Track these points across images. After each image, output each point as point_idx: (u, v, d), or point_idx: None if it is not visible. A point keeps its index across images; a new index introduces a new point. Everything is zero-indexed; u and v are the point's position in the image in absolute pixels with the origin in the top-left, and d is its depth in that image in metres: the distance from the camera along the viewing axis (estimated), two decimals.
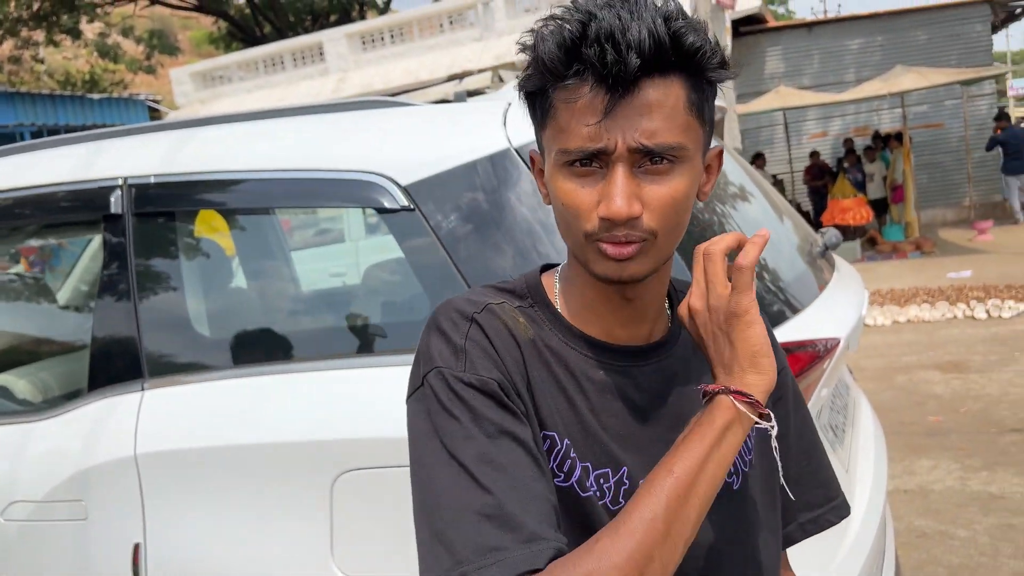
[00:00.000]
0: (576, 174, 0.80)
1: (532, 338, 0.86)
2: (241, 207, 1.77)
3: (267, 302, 1.82)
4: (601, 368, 0.87)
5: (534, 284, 0.92)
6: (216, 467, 1.60)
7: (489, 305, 0.86)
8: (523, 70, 0.84)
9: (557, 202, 0.83)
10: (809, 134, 13.84)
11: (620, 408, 0.87)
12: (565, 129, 0.79)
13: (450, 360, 0.81)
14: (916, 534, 3.51)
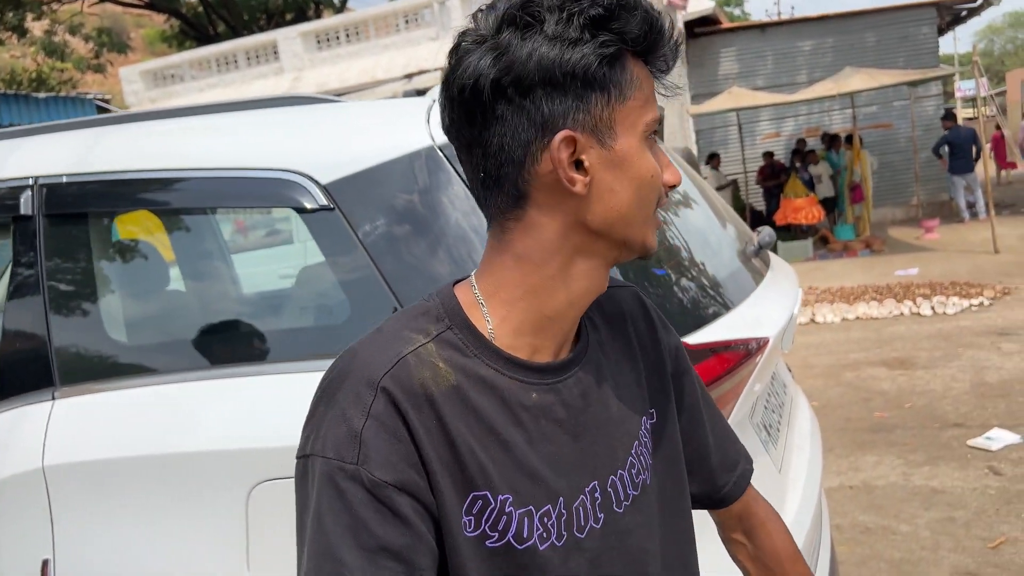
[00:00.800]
0: (652, 146, 0.81)
1: (455, 384, 0.78)
2: (157, 208, 1.71)
3: (187, 306, 1.76)
4: (533, 391, 0.82)
5: (451, 304, 0.83)
6: (128, 479, 1.53)
7: (403, 358, 0.77)
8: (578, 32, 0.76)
9: (646, 175, 0.79)
10: (763, 134, 14.00)
11: (552, 430, 0.82)
12: (651, 98, 0.80)
13: (342, 449, 0.73)
14: (860, 530, 3.54)
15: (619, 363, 0.92)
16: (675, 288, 1.78)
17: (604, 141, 0.78)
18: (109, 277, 1.75)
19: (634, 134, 0.78)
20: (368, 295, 1.47)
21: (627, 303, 0.97)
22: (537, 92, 0.76)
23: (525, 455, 0.80)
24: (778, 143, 13.88)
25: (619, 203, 0.79)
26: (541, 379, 0.82)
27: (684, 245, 1.97)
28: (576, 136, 0.77)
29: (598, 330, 0.92)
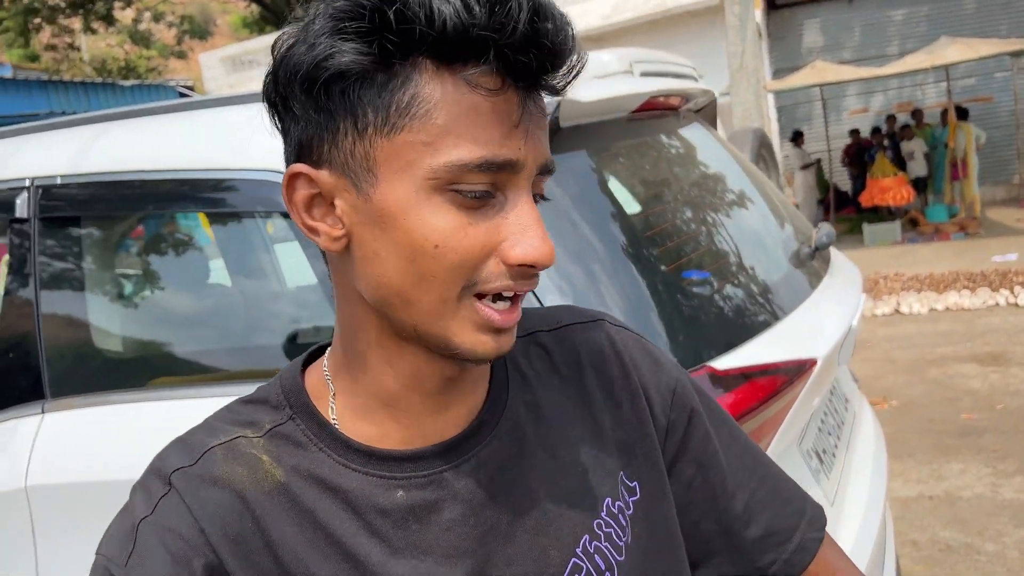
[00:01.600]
0: (463, 205, 0.56)
1: (283, 481, 0.62)
2: (146, 211, 1.60)
3: (181, 316, 1.65)
4: (399, 488, 0.63)
5: (293, 388, 0.66)
6: (114, 503, 1.44)
7: (209, 451, 0.63)
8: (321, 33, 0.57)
9: (425, 242, 0.56)
10: (849, 110, 13.33)
11: (434, 538, 0.63)
12: (452, 133, 0.55)
13: (115, 547, 0.61)
14: (940, 547, 3.26)
15: (564, 431, 0.70)
16: (714, 297, 1.58)
17: (360, 185, 0.58)
18: (102, 285, 1.66)
19: (409, 180, 0.56)
20: None
21: (586, 347, 0.75)
22: (291, 108, 0.59)
23: (383, 570, 0.61)
24: (865, 119, 13.19)
25: (386, 274, 0.58)
26: (411, 471, 0.63)
27: (729, 246, 1.76)
28: (309, 172, 0.59)
29: (531, 388, 0.71)
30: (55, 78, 15.02)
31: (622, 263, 1.42)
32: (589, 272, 1.37)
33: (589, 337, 0.75)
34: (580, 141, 1.56)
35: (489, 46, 0.54)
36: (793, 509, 0.78)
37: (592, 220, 1.46)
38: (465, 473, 0.64)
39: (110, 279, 1.70)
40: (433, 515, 0.63)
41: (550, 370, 0.72)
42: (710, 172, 2.03)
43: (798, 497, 0.79)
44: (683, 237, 1.69)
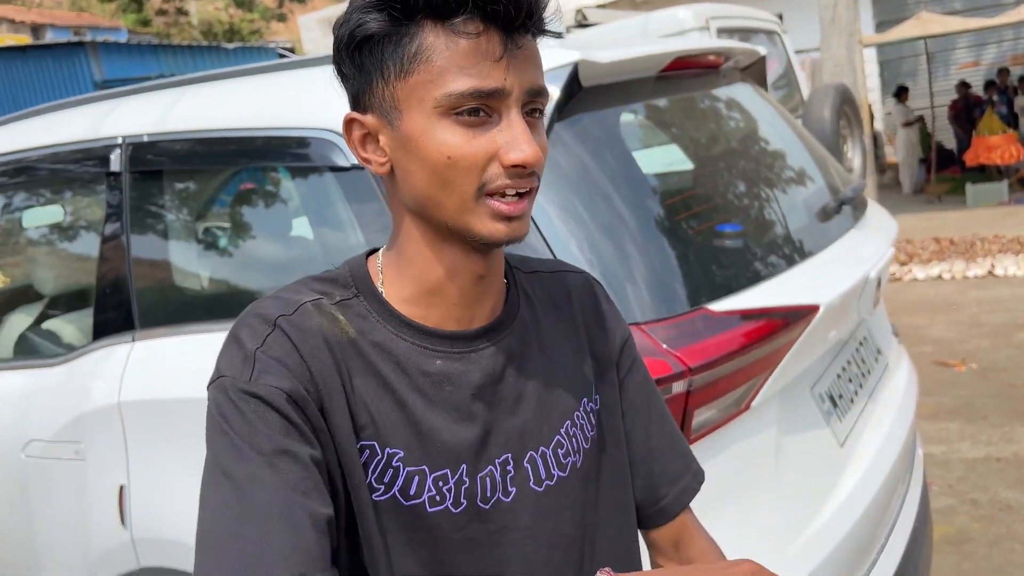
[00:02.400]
0: (463, 124, 0.73)
1: (353, 338, 0.79)
2: (207, 166, 1.81)
3: (239, 260, 1.86)
4: (438, 358, 0.81)
5: (359, 272, 0.84)
6: (187, 417, 1.67)
7: (303, 305, 0.79)
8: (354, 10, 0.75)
9: (440, 156, 0.73)
10: (958, 64, 12.65)
11: (459, 399, 0.81)
12: (449, 70, 0.72)
13: (236, 369, 0.75)
14: (999, 507, 3.25)
15: (557, 342, 0.89)
16: (727, 245, 1.68)
17: (392, 121, 0.76)
18: (183, 231, 1.88)
19: (422, 111, 0.74)
20: None
21: (576, 289, 0.95)
22: (344, 72, 0.79)
23: (423, 416, 0.79)
24: (976, 73, 12.50)
25: (419, 186, 0.76)
26: (449, 347, 0.81)
27: (753, 199, 1.84)
28: (358, 117, 0.78)
29: (533, 307, 0.90)
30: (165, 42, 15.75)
31: (633, 211, 1.53)
32: (603, 218, 1.50)
33: (577, 282, 0.96)
34: (605, 100, 1.67)
35: (467, 2, 0.72)
36: (685, 460, 0.97)
37: (610, 173, 1.57)
38: (487, 356, 0.83)
39: (191, 226, 1.92)
40: (462, 382, 0.81)
41: (547, 299, 0.92)
42: (746, 129, 2.10)
43: (689, 454, 0.98)
44: (706, 191, 1.79)
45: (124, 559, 1.73)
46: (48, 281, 2.53)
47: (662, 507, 0.95)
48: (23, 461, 1.90)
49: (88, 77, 12.63)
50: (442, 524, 0.80)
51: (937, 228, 8.90)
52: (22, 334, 2.34)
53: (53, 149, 2.06)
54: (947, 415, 4.16)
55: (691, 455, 0.98)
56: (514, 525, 0.83)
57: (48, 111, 2.23)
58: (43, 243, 2.49)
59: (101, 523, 1.76)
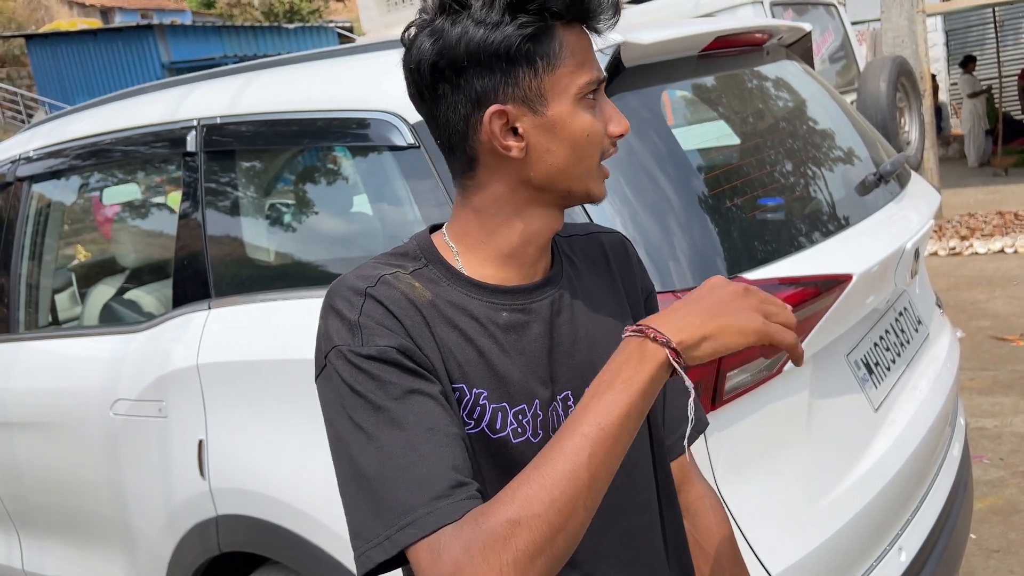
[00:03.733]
0: (589, 105, 0.89)
1: (431, 299, 0.90)
2: (275, 146, 1.94)
3: (305, 234, 2.00)
4: (504, 310, 0.92)
5: (426, 245, 0.95)
6: (257, 378, 1.82)
7: (383, 277, 0.89)
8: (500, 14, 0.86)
9: (581, 135, 0.88)
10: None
11: (526, 344, 0.92)
12: (585, 63, 0.88)
13: (347, 337, 0.84)
14: None
15: (597, 294, 1.01)
16: (774, 217, 1.75)
17: (536, 109, 0.88)
18: (255, 208, 2.02)
19: (566, 98, 0.87)
20: None
21: (610, 246, 1.07)
22: (469, 72, 0.87)
23: (499, 360, 0.91)
24: None
25: (556, 162, 0.90)
26: (511, 301, 0.93)
27: (794, 174, 1.90)
28: (506, 109, 0.88)
29: (575, 265, 1.01)
30: (228, 23, 16.09)
31: (675, 187, 1.61)
32: (646, 196, 1.58)
33: (612, 241, 1.09)
34: (648, 79, 1.75)
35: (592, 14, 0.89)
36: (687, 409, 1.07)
37: (653, 151, 1.66)
38: (544, 306, 0.95)
39: (260, 202, 2.06)
40: (525, 330, 0.93)
41: (586, 258, 1.04)
42: (790, 105, 2.15)
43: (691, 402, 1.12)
44: (749, 166, 1.85)
45: (203, 507, 1.90)
46: (129, 255, 2.72)
47: (668, 447, 1.08)
48: (111, 419, 2.08)
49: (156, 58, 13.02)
50: (527, 453, 0.86)
51: (1001, 201, 8.67)
52: (106, 304, 2.53)
53: (132, 132, 2.22)
54: (1002, 389, 4.13)
55: (698, 407, 1.11)
56: None
57: (127, 96, 2.40)
58: (124, 220, 2.68)
59: (182, 475, 1.93)
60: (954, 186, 9.80)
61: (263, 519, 1.81)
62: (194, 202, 2.03)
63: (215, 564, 1.96)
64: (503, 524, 0.73)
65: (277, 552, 1.83)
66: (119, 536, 2.16)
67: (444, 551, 0.73)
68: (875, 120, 3.13)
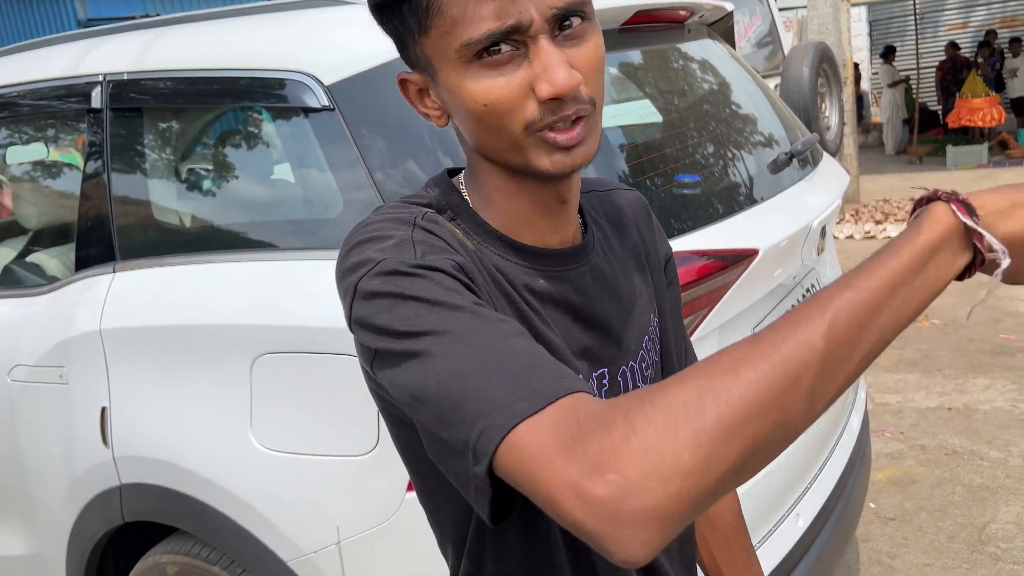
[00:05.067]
0: (489, 66, 0.70)
1: (473, 249, 0.78)
2: (186, 105, 1.88)
3: (215, 197, 1.94)
4: (540, 276, 0.81)
5: (451, 195, 0.81)
6: (163, 344, 1.77)
7: (425, 213, 0.77)
8: None
9: (476, 105, 0.71)
10: (947, 25, 12.66)
11: (562, 317, 0.82)
12: (462, 19, 0.69)
13: (394, 253, 0.70)
14: (945, 452, 3.42)
15: (625, 261, 0.91)
16: (689, 192, 1.78)
17: (433, 76, 0.75)
18: (162, 168, 1.96)
19: (448, 64, 0.72)
20: (358, 193, 1.58)
21: (630, 206, 0.97)
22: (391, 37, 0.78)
23: (540, 330, 0.80)
24: (964, 35, 12.52)
25: (472, 132, 0.76)
26: (548, 266, 0.81)
27: (706, 151, 1.94)
28: (406, 77, 0.79)
29: (602, 229, 0.91)
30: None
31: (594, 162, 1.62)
32: None
33: (630, 199, 0.97)
34: None
35: None
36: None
37: None
38: (581, 274, 0.83)
39: (170, 164, 1.99)
40: (561, 301, 0.82)
41: (607, 218, 0.92)
42: (710, 84, 2.18)
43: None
44: (668, 143, 1.88)
45: (106, 476, 1.84)
46: (31, 217, 2.60)
47: None
48: (8, 385, 2.00)
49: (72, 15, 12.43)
50: None
51: (915, 189, 9.00)
52: (7, 266, 2.42)
53: (35, 86, 2.12)
54: (906, 367, 4.33)
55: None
56: None
57: (29, 48, 2.29)
58: (26, 179, 2.56)
59: (84, 443, 1.87)
60: (872, 172, 10.15)
61: (168, 487, 1.77)
62: (100, 161, 1.95)
63: (119, 535, 1.91)
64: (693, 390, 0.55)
65: (183, 521, 1.80)
66: (17, 507, 2.09)
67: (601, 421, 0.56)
68: (797, 104, 3.20)
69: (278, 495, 1.63)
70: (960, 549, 2.76)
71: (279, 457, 1.62)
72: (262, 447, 1.63)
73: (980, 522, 2.90)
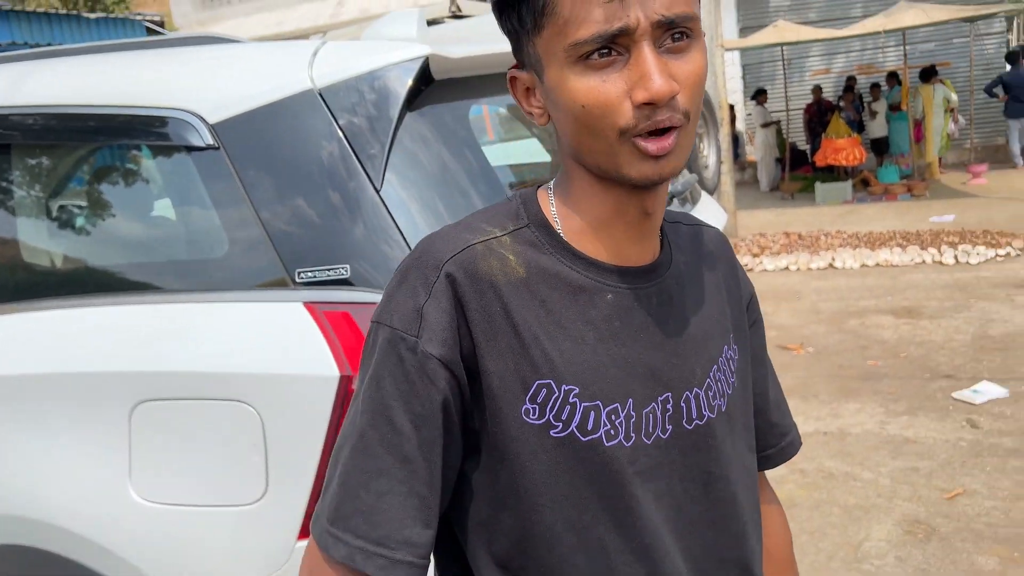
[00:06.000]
0: (595, 67, 0.73)
1: (524, 277, 0.80)
2: (59, 142, 1.80)
3: (90, 237, 1.86)
4: (609, 292, 0.82)
5: (531, 203, 0.85)
6: (33, 394, 1.66)
7: (471, 246, 0.80)
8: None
9: (575, 105, 0.75)
10: (812, 71, 13.53)
11: (626, 333, 0.82)
12: (572, 19, 0.73)
13: (406, 321, 0.79)
14: (823, 475, 3.59)
15: (702, 289, 0.92)
16: None
17: (540, 75, 0.79)
18: (28, 206, 1.86)
19: (555, 63, 0.76)
20: (244, 233, 1.55)
21: (713, 242, 0.98)
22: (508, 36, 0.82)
23: (594, 351, 0.81)
24: (827, 80, 13.40)
25: (568, 133, 0.79)
26: (619, 282, 0.83)
27: None
28: (516, 74, 0.83)
29: (684, 254, 0.92)
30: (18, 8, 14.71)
31: (486, 202, 1.65)
32: (458, 212, 1.60)
33: (714, 236, 0.99)
34: (460, 93, 1.77)
35: None
36: (789, 418, 1.07)
37: (465, 165, 1.68)
38: (652, 293, 0.85)
39: (39, 201, 1.89)
40: (629, 318, 0.83)
41: (690, 248, 0.94)
42: None
43: (789, 412, 1.07)
44: None
45: None
46: None
47: (767, 455, 1.03)
48: None
49: None
50: (619, 458, 0.81)
51: (788, 223, 9.54)
52: None
53: None
54: (785, 394, 4.53)
55: (791, 415, 1.07)
56: (668, 461, 0.85)
57: None
58: None
59: None
60: (748, 208, 10.67)
61: (38, 548, 1.65)
62: None
63: None
64: None
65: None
66: None
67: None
68: None
69: (161, 550, 1.55)
70: (838, 568, 2.89)
71: (161, 510, 1.54)
72: (142, 500, 1.55)
73: (855, 540, 3.05)
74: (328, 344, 1.42)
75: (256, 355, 1.48)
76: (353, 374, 1.40)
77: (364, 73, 1.58)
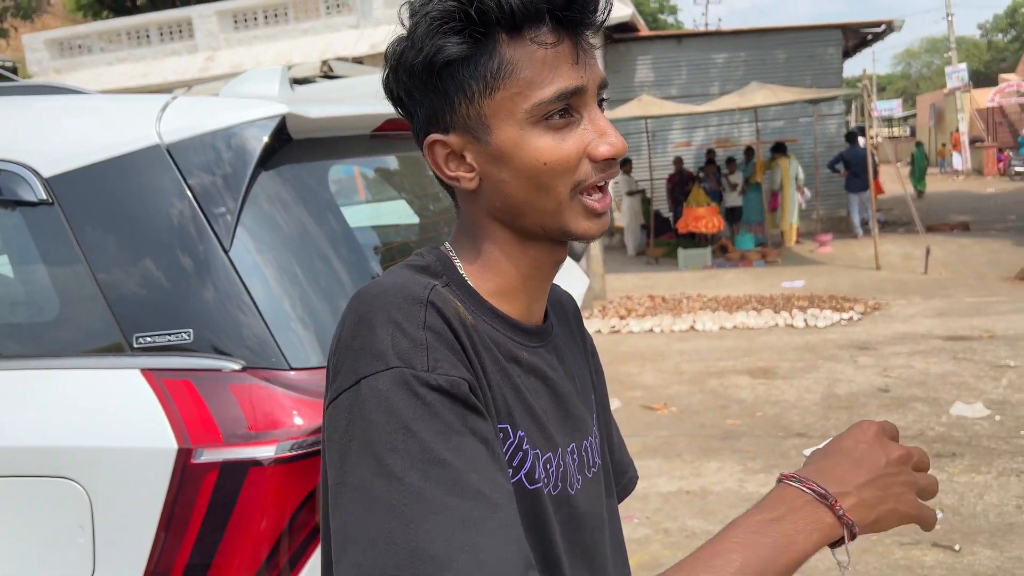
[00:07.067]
0: (554, 128, 0.76)
1: (473, 323, 0.78)
2: None
3: None
4: (523, 350, 0.83)
5: (447, 261, 0.83)
6: None
7: (434, 287, 0.76)
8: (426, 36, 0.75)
9: (537, 163, 0.76)
10: (674, 143, 14.29)
11: (542, 389, 0.84)
12: (536, 81, 0.75)
13: (409, 356, 0.69)
14: (685, 534, 3.66)
15: (573, 345, 0.96)
16: None
17: (479, 137, 0.77)
18: None
19: (511, 123, 0.76)
20: (77, 294, 1.45)
21: (566, 302, 1.01)
22: (415, 99, 0.79)
23: (531, 403, 0.82)
24: (688, 152, 14.18)
25: (514, 194, 0.78)
26: (528, 341, 0.84)
27: None
28: (441, 139, 0.79)
29: (554, 313, 0.94)
30: None
31: (346, 266, 1.61)
32: (317, 276, 1.56)
33: (565, 295, 1.02)
34: (318, 153, 1.74)
35: (544, 13, 0.75)
36: (627, 456, 1.10)
37: (324, 226, 1.64)
38: (550, 351, 0.88)
39: None
40: (539, 374, 0.85)
41: (554, 309, 0.95)
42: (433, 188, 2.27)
43: (627, 449, 1.11)
44: (420, 243, 1.91)
45: None
46: None
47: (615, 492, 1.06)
48: None
49: None
50: (549, 509, 0.81)
51: (652, 286, 9.91)
52: None
53: None
54: (649, 453, 4.63)
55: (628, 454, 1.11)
56: (585, 508, 0.87)
57: None
58: None
59: None
60: (616, 271, 11.03)
61: None
62: None
63: None
64: None
65: None
66: None
67: None
68: None
69: None
70: None
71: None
72: None
73: None
74: (166, 414, 1.33)
75: (86, 427, 1.37)
76: (193, 446, 1.31)
77: (217, 130, 1.52)
